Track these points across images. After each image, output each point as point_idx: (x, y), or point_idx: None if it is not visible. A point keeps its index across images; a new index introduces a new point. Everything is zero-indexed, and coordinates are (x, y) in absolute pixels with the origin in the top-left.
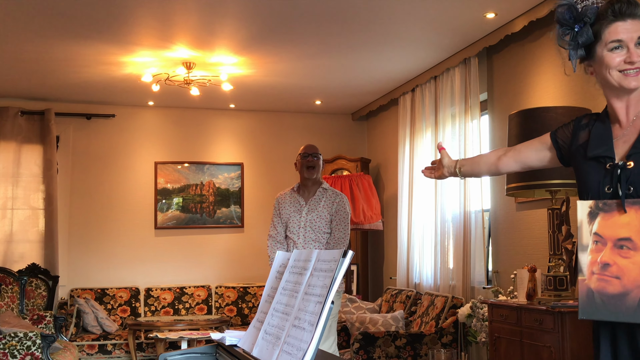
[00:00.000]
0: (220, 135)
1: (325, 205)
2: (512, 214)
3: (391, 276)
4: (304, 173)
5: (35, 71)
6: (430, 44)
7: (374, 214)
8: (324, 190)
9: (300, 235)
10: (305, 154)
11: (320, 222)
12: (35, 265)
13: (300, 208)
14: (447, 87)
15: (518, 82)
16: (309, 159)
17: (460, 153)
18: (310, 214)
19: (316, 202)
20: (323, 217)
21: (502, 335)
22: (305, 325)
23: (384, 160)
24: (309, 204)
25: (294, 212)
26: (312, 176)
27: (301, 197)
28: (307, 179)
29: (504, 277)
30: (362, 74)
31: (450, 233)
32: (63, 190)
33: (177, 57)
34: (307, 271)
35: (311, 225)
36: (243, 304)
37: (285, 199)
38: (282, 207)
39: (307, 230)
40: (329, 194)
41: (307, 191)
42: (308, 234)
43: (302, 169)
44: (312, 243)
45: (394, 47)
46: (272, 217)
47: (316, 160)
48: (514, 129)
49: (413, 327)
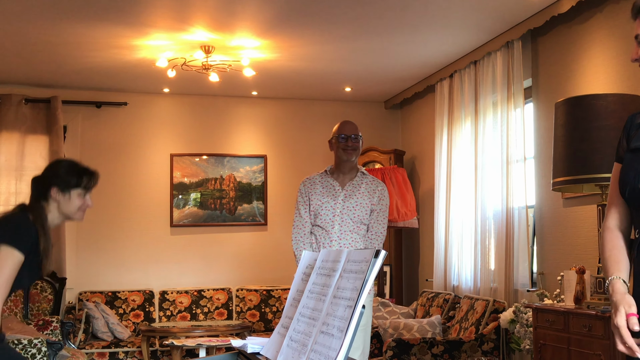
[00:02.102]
0: (242, 125)
1: (366, 192)
2: (559, 210)
3: (427, 278)
4: (342, 155)
5: (41, 55)
6: (470, 26)
7: (408, 210)
8: (363, 175)
9: (335, 225)
10: (344, 136)
11: (360, 210)
12: None
13: (336, 193)
14: (488, 72)
15: (565, 67)
16: (348, 142)
17: (502, 144)
18: (348, 200)
19: (355, 188)
20: (363, 206)
21: (547, 342)
22: (333, 332)
23: (419, 152)
24: (346, 188)
25: (327, 198)
26: (351, 158)
27: (336, 181)
28: (344, 162)
29: (550, 279)
30: (396, 59)
31: (492, 231)
32: None
33: (194, 40)
34: (336, 272)
35: (349, 214)
36: (266, 309)
37: (315, 183)
38: (312, 192)
39: (343, 219)
40: (370, 181)
41: (343, 174)
42: (345, 223)
43: (339, 150)
44: (349, 235)
45: (430, 29)
46: (296, 205)
47: (356, 143)
48: (560, 118)
49: (451, 334)
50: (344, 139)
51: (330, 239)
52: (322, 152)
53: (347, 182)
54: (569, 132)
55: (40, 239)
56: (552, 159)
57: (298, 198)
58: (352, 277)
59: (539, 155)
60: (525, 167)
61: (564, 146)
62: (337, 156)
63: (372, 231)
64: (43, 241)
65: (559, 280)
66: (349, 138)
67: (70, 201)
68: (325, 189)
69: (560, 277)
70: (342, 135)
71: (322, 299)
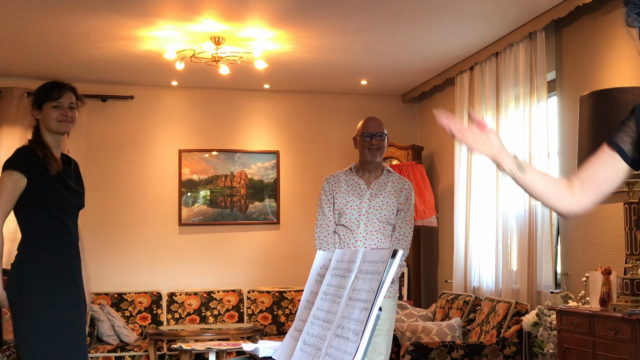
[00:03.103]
0: (253, 120)
1: (392, 191)
2: None
3: (447, 279)
4: (366, 154)
5: (43, 47)
6: (491, 16)
7: (427, 208)
8: (388, 173)
9: (360, 225)
10: (368, 134)
11: (387, 210)
12: None
13: (361, 192)
14: (510, 65)
15: (590, 59)
16: (372, 140)
17: (524, 140)
18: (374, 199)
19: (381, 186)
20: (390, 205)
21: (572, 346)
22: (349, 335)
23: (438, 148)
24: (372, 187)
25: (352, 197)
26: (376, 159)
27: (361, 179)
28: (369, 162)
29: (575, 280)
30: (414, 50)
31: (514, 230)
32: None
33: (204, 31)
34: (352, 273)
35: (375, 214)
36: (279, 311)
37: (340, 181)
38: (336, 190)
39: (369, 219)
40: (395, 179)
41: (368, 172)
42: (371, 223)
43: (363, 150)
44: (375, 235)
45: (450, 19)
46: (319, 203)
47: (381, 142)
48: (586, 112)
49: (471, 337)
50: (368, 137)
51: (355, 239)
52: (337, 148)
53: (373, 180)
54: (595, 127)
55: (38, 151)
56: (577, 154)
57: (321, 196)
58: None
59: (563, 151)
60: (549, 164)
61: (589, 141)
62: (362, 155)
63: (399, 232)
64: (41, 152)
65: (584, 281)
66: (373, 136)
67: (47, 115)
68: (350, 187)
69: (585, 278)
70: (366, 133)
71: (337, 301)
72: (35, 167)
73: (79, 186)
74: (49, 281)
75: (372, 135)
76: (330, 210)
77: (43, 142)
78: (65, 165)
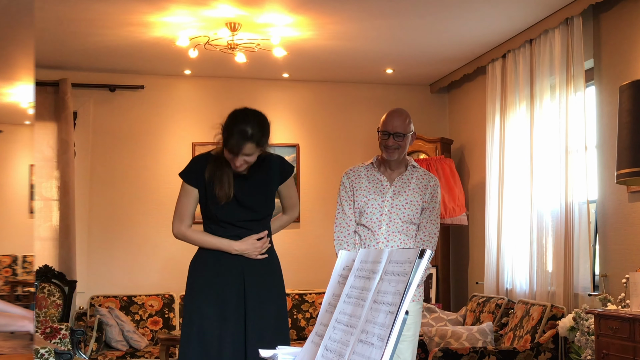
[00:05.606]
0: (271, 111)
1: (417, 189)
2: (624, 205)
3: (477, 281)
4: (383, 152)
5: (48, 34)
6: (525, 1)
7: (457, 205)
8: (413, 168)
9: (382, 225)
10: (385, 132)
11: (411, 209)
12: (48, 268)
13: (384, 189)
14: (545, 52)
15: (631, 47)
16: (389, 140)
17: (560, 132)
18: (397, 197)
19: (404, 183)
20: (414, 204)
21: (611, 352)
22: (373, 340)
23: (468, 141)
24: (395, 184)
25: (374, 195)
26: (393, 158)
27: (383, 175)
28: (387, 160)
29: (614, 282)
30: (443, 37)
31: (549, 229)
32: (81, 178)
33: (219, 16)
34: (377, 275)
35: (398, 213)
36: (299, 315)
37: (361, 177)
38: (357, 187)
39: (392, 218)
40: (420, 175)
41: (390, 168)
42: (393, 223)
43: (381, 147)
44: (397, 236)
45: (481, 4)
46: (338, 200)
47: (399, 142)
48: (626, 102)
49: (504, 342)
50: (385, 136)
51: (377, 240)
52: (361, 140)
53: (396, 176)
54: (636, 119)
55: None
56: (617, 148)
57: (341, 192)
58: (394, 280)
59: (602, 144)
60: (587, 158)
61: (629, 134)
62: (381, 151)
63: (424, 232)
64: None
65: (624, 283)
66: (390, 135)
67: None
68: (371, 183)
69: (625, 279)
70: (383, 131)
71: (361, 304)
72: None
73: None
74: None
75: (390, 134)
76: (350, 208)
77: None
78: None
